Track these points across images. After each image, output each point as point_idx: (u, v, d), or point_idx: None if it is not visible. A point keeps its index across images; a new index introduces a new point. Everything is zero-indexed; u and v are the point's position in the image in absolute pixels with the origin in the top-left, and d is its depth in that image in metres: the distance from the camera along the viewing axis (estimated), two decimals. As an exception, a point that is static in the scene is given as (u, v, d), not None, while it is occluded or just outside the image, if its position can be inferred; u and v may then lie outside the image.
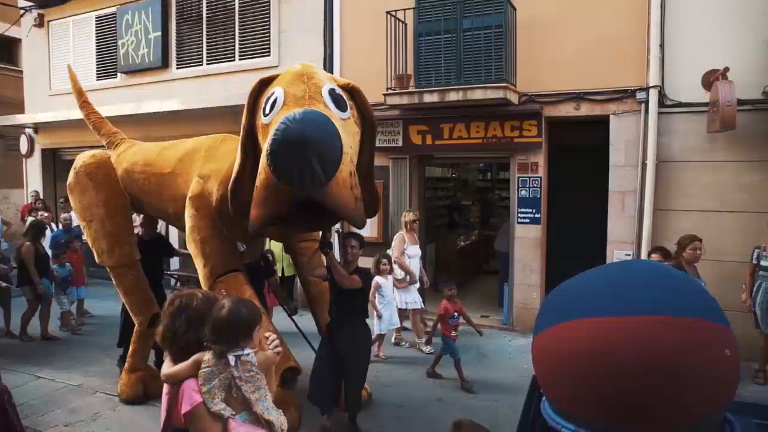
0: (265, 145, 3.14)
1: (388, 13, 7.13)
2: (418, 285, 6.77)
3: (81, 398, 5.21)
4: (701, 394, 0.76)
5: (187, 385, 2.13)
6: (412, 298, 6.68)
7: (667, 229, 6.36)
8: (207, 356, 2.15)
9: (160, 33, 9.51)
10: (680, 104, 6.31)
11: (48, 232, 8.15)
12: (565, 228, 7.32)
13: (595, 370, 0.77)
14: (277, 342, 2.34)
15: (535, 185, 7.06)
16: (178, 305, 2.21)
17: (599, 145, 6.82)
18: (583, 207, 7.19)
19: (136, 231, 6.08)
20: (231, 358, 2.11)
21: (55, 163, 11.87)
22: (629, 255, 6.52)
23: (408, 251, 6.66)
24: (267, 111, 3.49)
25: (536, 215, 7.08)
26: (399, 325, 6.71)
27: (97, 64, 10.62)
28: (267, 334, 2.37)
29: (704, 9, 6.21)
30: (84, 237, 8.84)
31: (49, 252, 7.59)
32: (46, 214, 9.07)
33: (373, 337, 6.39)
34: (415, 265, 6.73)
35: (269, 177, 3.07)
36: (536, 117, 6.92)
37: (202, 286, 4.13)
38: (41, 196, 11.17)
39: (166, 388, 2.25)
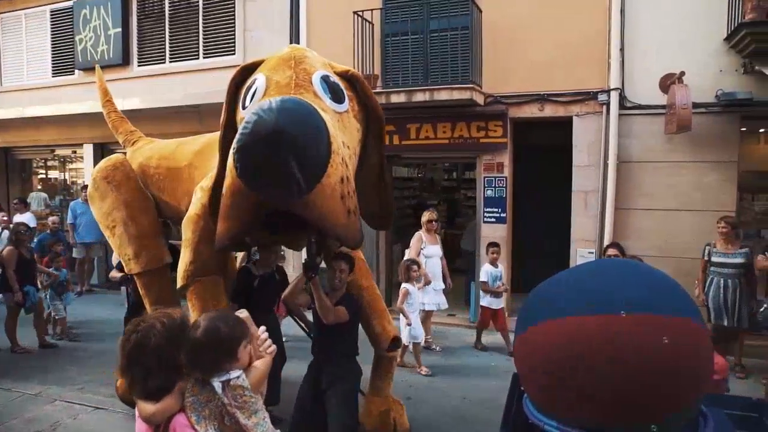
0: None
1: (355, 13, 7.11)
2: (442, 286, 6.54)
3: (39, 407, 4.99)
4: (689, 389, 0.78)
5: (178, 421, 1.83)
6: (432, 300, 6.37)
7: (628, 227, 6.58)
8: (189, 384, 1.87)
9: (120, 29, 9.23)
10: (639, 106, 6.53)
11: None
12: (530, 227, 7.46)
13: (592, 368, 0.76)
14: (270, 343, 2.04)
15: (500, 185, 7.17)
16: (134, 342, 1.83)
17: (563, 145, 6.99)
18: (548, 206, 7.35)
19: None
20: (217, 385, 1.83)
21: (7, 163, 11.39)
22: (592, 253, 6.70)
23: (425, 251, 6.44)
24: (247, 103, 2.99)
25: (502, 214, 7.20)
26: (425, 334, 6.25)
27: (53, 61, 10.23)
28: (258, 334, 2.07)
29: (662, 16, 6.44)
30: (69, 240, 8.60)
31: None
32: (5, 218, 8.70)
33: (402, 347, 5.92)
34: (435, 264, 6.51)
35: (236, 182, 2.50)
36: (502, 118, 7.03)
37: (178, 278, 3.79)
38: (-7, 198, 10.71)
39: (143, 426, 1.89)
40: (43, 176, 11.90)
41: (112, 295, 9.21)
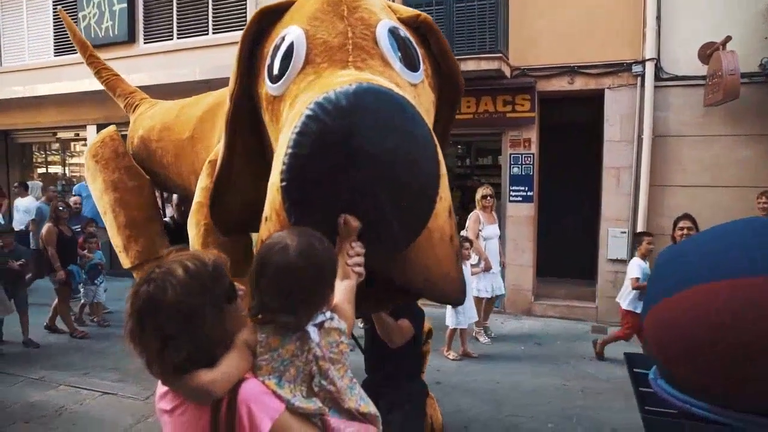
0: (276, 163, 1.60)
1: (374, -19, 6.75)
2: (499, 269, 6.02)
3: (42, 392, 4.70)
4: None
5: (248, 389, 1.23)
6: (491, 285, 5.84)
7: (663, 205, 6.24)
8: (261, 335, 1.30)
9: (126, 4, 8.87)
10: (676, 77, 6.18)
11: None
12: (557, 206, 7.14)
13: None
14: (360, 261, 1.44)
15: (527, 162, 6.83)
16: (144, 299, 1.20)
17: (591, 121, 6.66)
18: (576, 184, 7.03)
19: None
20: (312, 331, 1.29)
21: (7, 146, 11.06)
22: (625, 232, 6.37)
23: (483, 232, 5.85)
24: (276, 70, 1.92)
25: (528, 193, 6.86)
26: (477, 319, 5.66)
27: (55, 38, 9.86)
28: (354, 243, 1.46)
29: (701, -20, 6.09)
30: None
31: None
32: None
33: (447, 332, 5.49)
34: (493, 246, 5.93)
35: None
36: (529, 91, 6.68)
37: None
38: (-7, 182, 10.38)
39: (190, 412, 1.26)
40: (43, 163, 11.55)
41: (117, 282, 8.92)
